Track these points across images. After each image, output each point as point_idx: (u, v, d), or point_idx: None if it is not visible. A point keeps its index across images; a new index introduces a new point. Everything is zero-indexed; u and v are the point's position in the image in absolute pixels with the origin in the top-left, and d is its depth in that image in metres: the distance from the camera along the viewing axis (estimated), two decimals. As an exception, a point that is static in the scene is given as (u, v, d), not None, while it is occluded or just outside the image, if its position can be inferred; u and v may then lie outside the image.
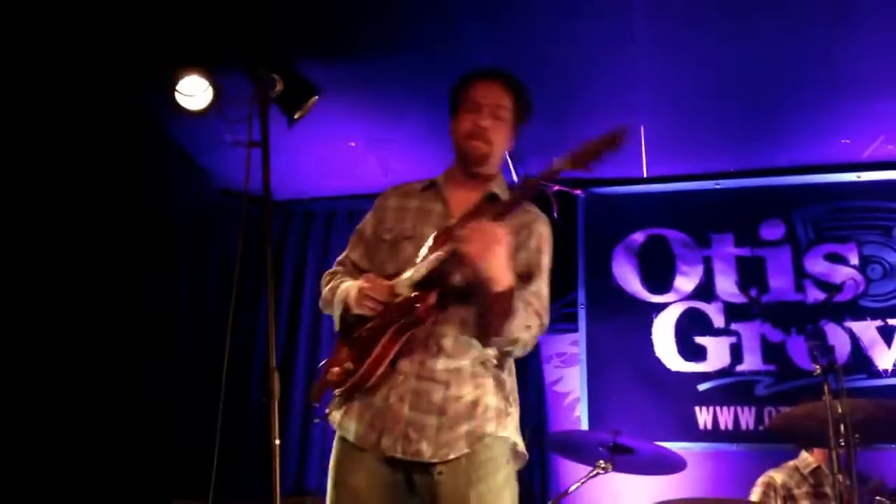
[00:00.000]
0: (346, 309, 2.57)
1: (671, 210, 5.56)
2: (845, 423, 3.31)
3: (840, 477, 3.25)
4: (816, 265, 5.31)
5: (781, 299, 5.28)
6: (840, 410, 3.32)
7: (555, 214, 5.34)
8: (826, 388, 3.34)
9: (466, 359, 2.49)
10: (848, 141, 5.13)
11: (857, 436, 3.35)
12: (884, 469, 4.26)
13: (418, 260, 2.48)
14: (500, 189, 2.66)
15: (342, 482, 2.45)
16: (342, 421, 2.51)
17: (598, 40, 4.23)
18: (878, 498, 3.68)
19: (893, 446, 4.61)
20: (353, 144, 5.23)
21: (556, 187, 5.50)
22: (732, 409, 5.10)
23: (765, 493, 4.22)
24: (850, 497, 3.23)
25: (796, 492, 4.17)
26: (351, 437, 2.47)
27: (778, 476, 4.28)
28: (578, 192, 5.63)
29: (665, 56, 4.34)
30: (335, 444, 2.53)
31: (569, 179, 5.55)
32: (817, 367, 3.39)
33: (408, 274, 2.47)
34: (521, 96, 2.67)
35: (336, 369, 2.52)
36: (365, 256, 2.72)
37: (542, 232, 2.63)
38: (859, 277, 5.23)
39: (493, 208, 2.51)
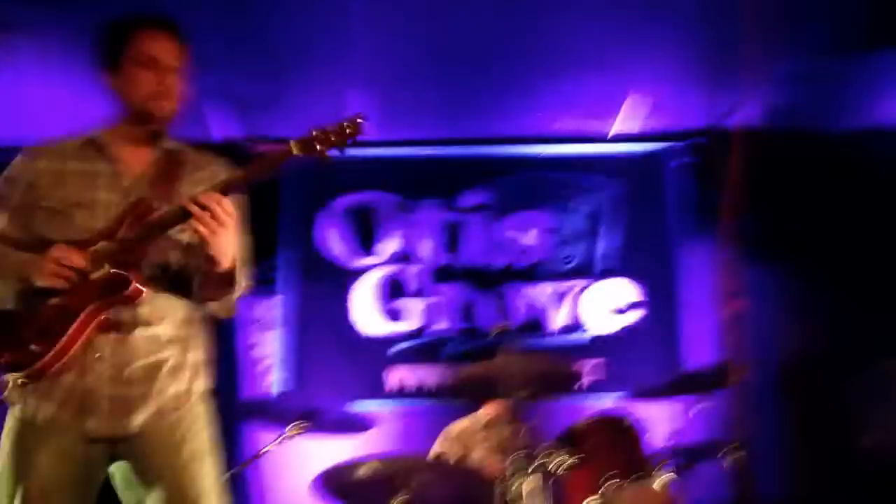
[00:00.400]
0: (23, 281, 2.34)
1: (377, 175, 5.66)
2: (516, 379, 3.58)
3: (510, 428, 3.51)
4: (507, 231, 5.66)
5: (474, 263, 5.58)
6: (514, 367, 3.60)
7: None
8: (502, 346, 3.60)
9: (167, 323, 2.45)
10: (540, 115, 5.50)
11: (528, 390, 3.65)
12: (553, 419, 4.65)
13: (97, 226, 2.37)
14: (172, 144, 2.57)
15: (27, 465, 2.31)
16: (26, 403, 2.34)
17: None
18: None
19: (560, 398, 5.05)
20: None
21: (261, 147, 5.42)
22: (422, 368, 5.35)
23: (441, 444, 4.42)
24: (519, 444, 3.50)
25: (471, 440, 4.44)
26: (38, 419, 2.32)
27: (455, 427, 4.51)
28: (281, 152, 5.56)
29: (376, 24, 4.41)
30: (11, 427, 2.36)
31: (273, 139, 5.48)
32: (496, 327, 3.65)
33: (103, 245, 2.34)
34: (187, 46, 2.56)
35: (9, 351, 2.32)
36: (14, 225, 2.47)
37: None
38: (543, 244, 5.65)
39: (180, 169, 2.48)
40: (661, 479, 3.51)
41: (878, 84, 5.19)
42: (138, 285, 2.34)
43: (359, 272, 5.50)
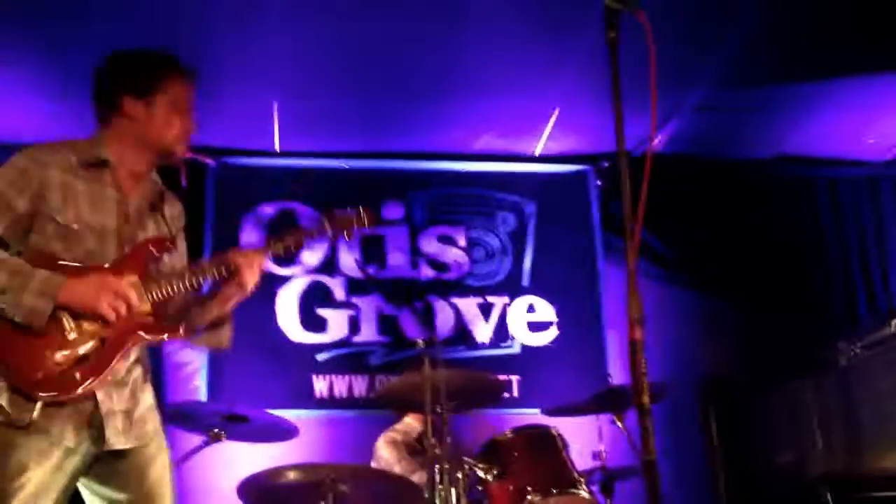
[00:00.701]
0: (54, 300, 2.31)
1: (298, 186, 5.69)
2: (440, 391, 3.64)
3: (433, 440, 3.56)
4: (429, 245, 5.75)
5: (397, 276, 5.65)
6: (437, 379, 3.65)
7: (184, 183, 5.23)
8: (427, 358, 3.66)
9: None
10: (461, 132, 5.62)
11: (452, 402, 3.71)
12: (475, 432, 4.74)
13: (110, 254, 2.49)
14: (155, 177, 2.72)
15: (20, 470, 2.30)
16: (38, 419, 2.31)
17: (234, 11, 4.24)
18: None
19: (484, 411, 5.15)
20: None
21: (188, 154, 5.37)
22: (348, 377, 5.38)
23: (395, 449, 4.44)
24: (442, 457, 3.55)
25: (398, 451, 4.48)
26: (48, 433, 2.33)
27: (397, 436, 4.55)
28: (209, 160, 5.55)
29: (298, 36, 4.47)
30: (11, 440, 2.30)
31: (200, 147, 5.46)
32: (420, 339, 3.71)
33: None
34: None
35: (42, 373, 2.32)
36: (12, 231, 2.41)
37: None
38: (465, 258, 5.76)
39: (163, 204, 2.70)
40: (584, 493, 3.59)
41: (784, 116, 5.48)
42: (171, 329, 2.58)
43: (283, 279, 5.51)
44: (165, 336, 2.57)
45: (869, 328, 3.04)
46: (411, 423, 4.62)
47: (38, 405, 2.32)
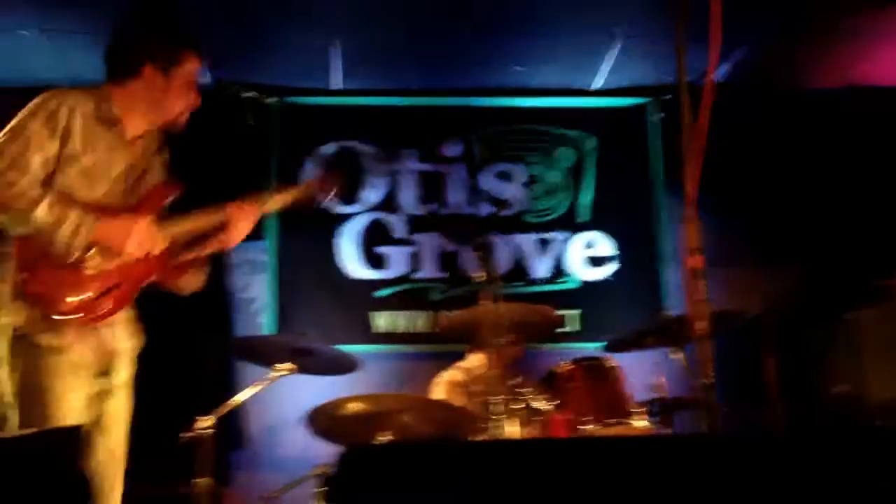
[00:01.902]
0: (93, 239, 2.57)
1: (362, 124, 5.73)
2: (501, 325, 3.69)
3: (493, 372, 3.62)
4: (488, 182, 5.76)
5: (457, 212, 5.68)
6: (496, 312, 3.71)
7: (251, 121, 5.36)
8: (486, 293, 3.71)
9: None
10: (521, 69, 5.57)
11: (510, 336, 3.77)
12: (536, 365, 4.77)
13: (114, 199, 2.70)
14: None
15: (63, 396, 2.56)
16: (61, 339, 2.57)
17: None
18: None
19: (545, 346, 5.22)
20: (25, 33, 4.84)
21: (250, 94, 5.48)
22: (408, 313, 5.47)
23: (451, 391, 4.45)
24: (503, 388, 3.61)
25: (473, 388, 4.49)
26: (74, 356, 2.58)
27: (457, 374, 4.55)
28: (271, 100, 5.61)
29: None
30: (47, 360, 2.55)
31: (263, 86, 5.53)
32: (480, 274, 3.75)
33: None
34: None
35: (74, 298, 2.56)
36: (44, 169, 2.58)
37: None
38: (524, 195, 5.76)
39: (154, 158, 2.88)
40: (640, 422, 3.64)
41: (853, 45, 5.30)
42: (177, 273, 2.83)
43: (344, 217, 5.58)
44: (174, 279, 2.83)
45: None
46: (475, 360, 4.65)
47: (68, 329, 2.56)
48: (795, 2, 4.81)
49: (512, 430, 3.42)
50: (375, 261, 5.54)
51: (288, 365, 3.83)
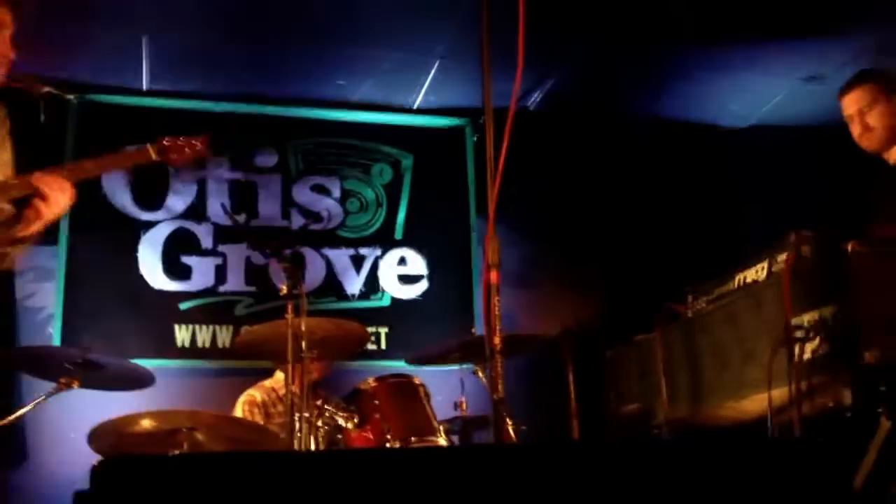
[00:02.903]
0: None
1: (167, 127, 5.43)
2: (304, 341, 3.61)
3: (294, 388, 3.53)
4: (303, 195, 5.66)
5: (268, 224, 5.54)
6: (302, 328, 3.62)
7: (42, 118, 5.00)
8: (290, 306, 3.61)
9: None
10: (343, 83, 5.52)
11: (314, 351, 3.68)
12: (337, 382, 4.71)
13: None
14: None
15: None
16: None
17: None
18: None
19: (352, 364, 5.16)
20: None
21: (47, 89, 5.12)
22: (212, 327, 5.27)
23: (249, 411, 4.32)
24: (301, 405, 3.52)
25: (272, 410, 4.39)
26: None
27: (257, 394, 4.42)
28: (71, 97, 5.28)
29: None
30: None
31: (62, 82, 5.20)
32: (283, 287, 3.66)
33: None
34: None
35: None
36: None
37: None
38: (339, 209, 5.69)
39: None
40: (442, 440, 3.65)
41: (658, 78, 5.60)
42: None
43: (147, 225, 5.33)
44: None
45: (715, 282, 3.17)
46: (280, 378, 4.48)
47: None
48: (605, 35, 5.03)
49: (314, 448, 3.35)
50: (179, 271, 5.30)
51: (71, 379, 3.58)
